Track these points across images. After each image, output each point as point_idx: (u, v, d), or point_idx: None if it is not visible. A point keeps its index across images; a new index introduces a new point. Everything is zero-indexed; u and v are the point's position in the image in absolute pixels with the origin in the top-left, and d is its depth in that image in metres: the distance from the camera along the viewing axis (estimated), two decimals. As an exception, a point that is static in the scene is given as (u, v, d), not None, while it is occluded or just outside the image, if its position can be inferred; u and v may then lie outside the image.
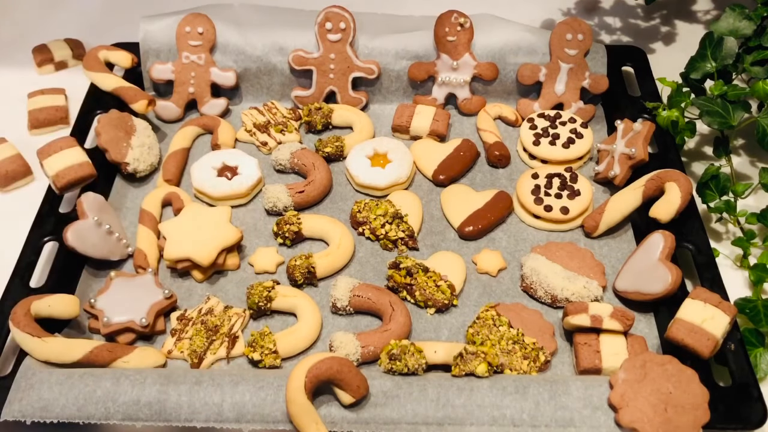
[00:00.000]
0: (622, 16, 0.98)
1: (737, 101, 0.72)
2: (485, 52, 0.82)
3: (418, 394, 0.56)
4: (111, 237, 0.68)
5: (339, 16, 0.80)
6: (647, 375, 0.55)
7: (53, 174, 0.70)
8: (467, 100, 0.83)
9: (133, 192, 0.76)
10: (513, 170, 0.78)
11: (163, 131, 0.82)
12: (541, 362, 0.60)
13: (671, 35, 0.95)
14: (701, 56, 0.77)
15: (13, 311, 0.60)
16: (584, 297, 0.64)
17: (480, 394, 0.56)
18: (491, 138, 0.79)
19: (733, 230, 0.73)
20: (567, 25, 0.80)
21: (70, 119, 0.84)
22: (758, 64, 0.75)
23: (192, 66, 0.82)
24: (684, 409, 0.53)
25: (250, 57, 0.82)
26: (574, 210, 0.71)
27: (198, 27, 0.81)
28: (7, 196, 0.77)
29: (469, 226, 0.71)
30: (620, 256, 0.69)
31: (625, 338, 0.61)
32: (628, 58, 0.86)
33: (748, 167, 0.79)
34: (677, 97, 0.76)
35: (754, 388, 0.56)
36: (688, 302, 0.60)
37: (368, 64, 0.82)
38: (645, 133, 0.73)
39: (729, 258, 0.70)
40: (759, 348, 0.61)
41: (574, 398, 0.55)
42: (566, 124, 0.78)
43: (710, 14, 0.98)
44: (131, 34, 0.85)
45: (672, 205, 0.67)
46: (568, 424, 0.54)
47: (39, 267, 0.66)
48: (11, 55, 0.92)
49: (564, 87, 0.81)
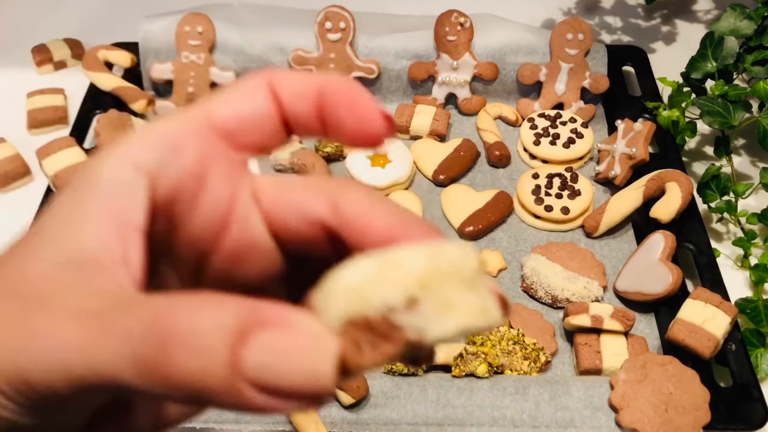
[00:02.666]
0: (622, 15, 0.98)
1: (738, 101, 0.72)
2: (485, 51, 0.81)
3: (418, 394, 0.55)
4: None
5: (339, 15, 0.80)
6: (648, 375, 0.55)
7: (52, 174, 0.70)
8: (467, 99, 0.83)
9: (132, 192, 0.76)
10: (513, 170, 0.78)
11: (163, 131, 0.82)
12: (541, 363, 0.60)
13: (672, 35, 0.95)
14: (702, 56, 0.77)
15: (12, 312, 0.60)
16: (585, 297, 0.64)
17: (480, 395, 0.55)
18: (491, 138, 0.79)
19: (733, 230, 0.73)
20: (567, 25, 0.80)
21: (69, 119, 0.84)
22: (759, 64, 0.75)
23: (191, 66, 0.82)
24: (685, 410, 0.53)
25: (250, 57, 0.82)
26: (575, 210, 0.71)
27: (197, 26, 0.81)
28: (6, 196, 0.77)
29: (469, 226, 0.71)
30: (621, 256, 0.69)
31: (626, 339, 0.60)
32: (629, 57, 0.86)
33: (749, 167, 0.79)
34: (678, 96, 0.76)
35: (755, 388, 0.56)
36: (689, 302, 0.60)
37: (368, 63, 0.82)
38: (646, 132, 0.72)
39: (730, 258, 0.70)
40: (760, 348, 0.61)
41: (574, 399, 0.55)
42: (567, 123, 0.78)
43: (711, 14, 0.98)
44: (131, 34, 0.84)
45: (673, 205, 0.66)
46: (568, 425, 0.54)
47: (38, 267, 0.66)
48: (10, 55, 0.92)
49: (564, 87, 0.81)
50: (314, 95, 0.23)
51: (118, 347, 0.17)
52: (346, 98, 0.23)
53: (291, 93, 0.23)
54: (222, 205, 0.22)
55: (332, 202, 0.22)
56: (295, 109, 0.23)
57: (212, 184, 0.22)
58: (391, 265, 0.17)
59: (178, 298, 0.17)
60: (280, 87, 0.23)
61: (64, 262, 0.20)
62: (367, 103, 0.23)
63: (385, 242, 0.21)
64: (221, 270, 0.23)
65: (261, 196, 0.23)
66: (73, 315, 0.18)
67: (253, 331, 0.16)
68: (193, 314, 0.17)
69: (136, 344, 0.17)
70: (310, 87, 0.23)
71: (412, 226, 0.22)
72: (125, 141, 0.21)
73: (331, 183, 0.23)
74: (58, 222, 0.21)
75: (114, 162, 0.21)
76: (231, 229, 0.23)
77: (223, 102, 0.23)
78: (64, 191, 0.21)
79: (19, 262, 0.20)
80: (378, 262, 0.17)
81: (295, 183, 0.23)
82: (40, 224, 0.21)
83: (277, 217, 0.23)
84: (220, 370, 0.16)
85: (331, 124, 0.23)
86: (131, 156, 0.21)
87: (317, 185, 0.23)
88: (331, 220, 0.22)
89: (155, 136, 0.21)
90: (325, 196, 0.22)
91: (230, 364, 0.16)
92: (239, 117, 0.23)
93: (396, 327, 0.17)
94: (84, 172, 0.21)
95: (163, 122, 0.22)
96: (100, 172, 0.21)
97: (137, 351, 0.17)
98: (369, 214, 0.22)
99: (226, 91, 0.23)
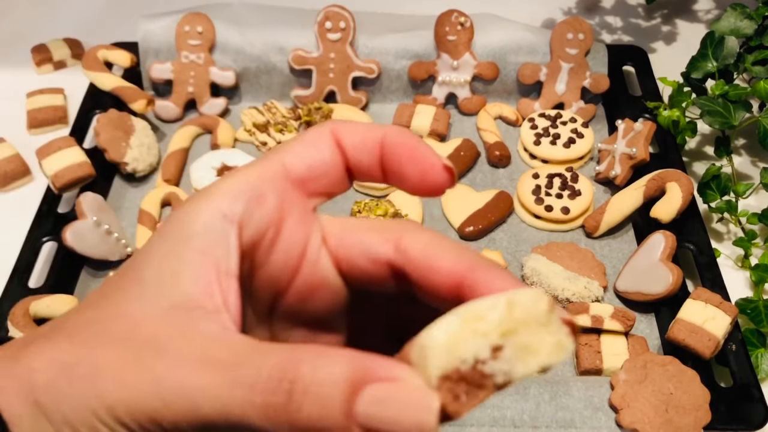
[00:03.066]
0: (622, 15, 0.98)
1: (738, 101, 0.72)
2: (486, 51, 0.81)
3: (419, 395, 0.55)
4: (110, 237, 0.68)
5: (339, 15, 0.80)
6: (648, 376, 0.55)
7: (52, 174, 0.70)
8: (467, 99, 0.83)
9: (132, 192, 0.76)
10: (513, 170, 0.78)
11: (162, 131, 0.82)
12: (541, 363, 0.59)
13: (672, 35, 0.95)
14: (702, 56, 0.76)
15: (12, 312, 0.60)
16: (585, 297, 0.64)
17: (480, 395, 0.55)
18: (492, 138, 0.79)
19: (734, 230, 0.73)
20: (568, 25, 0.80)
21: (68, 119, 0.84)
22: (759, 64, 0.75)
23: (191, 65, 0.82)
24: (685, 410, 0.53)
25: (250, 56, 0.82)
26: (575, 210, 0.71)
27: (197, 26, 0.81)
28: (6, 196, 0.77)
29: (469, 227, 0.71)
30: (621, 256, 0.69)
31: (626, 339, 0.60)
32: (629, 57, 0.86)
33: (749, 167, 0.79)
34: (678, 96, 0.76)
35: (756, 388, 0.56)
36: (689, 303, 0.59)
37: (368, 63, 0.82)
38: (646, 132, 0.72)
39: (730, 258, 0.70)
40: (760, 348, 0.61)
41: (575, 399, 0.55)
42: (567, 123, 0.78)
43: (711, 14, 0.98)
44: (130, 34, 0.84)
45: (673, 205, 0.66)
46: (568, 425, 0.54)
47: (38, 267, 0.66)
48: (10, 55, 0.92)
49: (565, 86, 0.81)
50: (375, 146, 0.25)
51: (246, 394, 0.20)
52: (408, 152, 0.25)
53: (354, 144, 0.25)
54: (297, 248, 0.25)
55: (396, 243, 0.25)
56: (358, 158, 0.25)
57: (288, 229, 0.25)
58: (474, 319, 0.20)
59: (298, 351, 0.20)
60: (343, 138, 0.25)
61: (168, 307, 0.22)
62: (429, 156, 0.25)
63: (452, 278, 0.24)
64: (293, 305, 0.26)
65: (329, 238, 0.26)
66: (200, 362, 0.20)
67: (365, 383, 0.19)
68: (315, 367, 0.19)
69: (265, 392, 0.19)
70: (371, 138, 0.25)
71: (476, 264, 0.24)
72: (212, 191, 0.24)
73: (395, 224, 0.26)
74: (156, 268, 0.23)
75: (204, 212, 0.23)
76: (303, 269, 0.25)
77: (295, 153, 0.25)
78: (158, 239, 0.23)
79: (124, 307, 0.22)
80: (461, 318, 0.20)
81: (361, 225, 0.26)
82: (138, 269, 0.23)
83: (345, 257, 0.26)
84: (338, 416, 0.19)
85: (393, 174, 0.26)
86: (220, 207, 0.23)
87: (382, 227, 0.26)
88: (397, 260, 0.25)
89: (240, 187, 0.24)
90: (390, 236, 0.25)
91: (345, 411, 0.19)
92: (310, 167, 0.25)
93: (486, 375, 0.20)
94: (175, 222, 0.23)
95: (245, 173, 0.24)
96: (193, 222, 0.23)
97: (266, 399, 0.19)
98: (435, 253, 0.24)
99: (296, 142, 0.25)
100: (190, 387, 0.20)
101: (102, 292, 0.24)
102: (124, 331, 0.22)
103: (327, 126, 0.26)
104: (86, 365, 0.21)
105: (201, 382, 0.20)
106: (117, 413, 0.21)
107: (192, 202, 0.23)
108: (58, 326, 0.23)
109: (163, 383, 0.20)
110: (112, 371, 0.21)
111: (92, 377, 0.21)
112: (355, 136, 0.25)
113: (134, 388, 0.21)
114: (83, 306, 0.24)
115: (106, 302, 0.23)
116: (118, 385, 0.21)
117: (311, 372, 0.19)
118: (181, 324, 0.21)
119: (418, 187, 0.25)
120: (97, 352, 0.21)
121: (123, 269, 0.24)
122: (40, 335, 0.23)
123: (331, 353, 0.20)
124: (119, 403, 0.21)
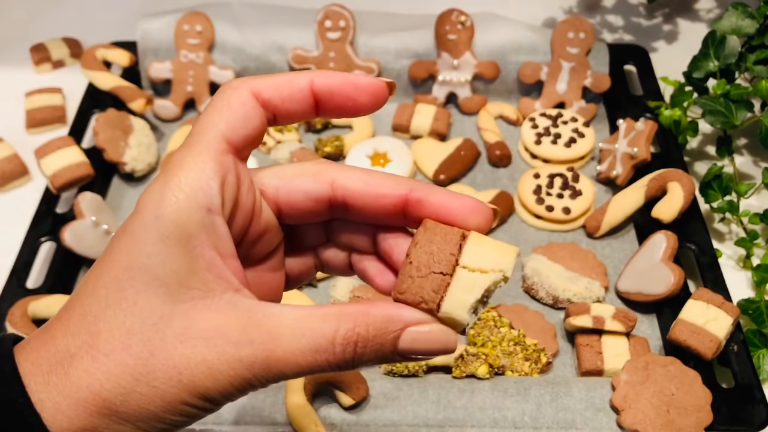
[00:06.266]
0: (624, 14, 0.97)
1: (740, 100, 0.72)
2: (486, 50, 0.81)
3: (419, 396, 0.55)
4: (109, 237, 0.68)
5: (338, 14, 0.80)
6: (649, 376, 0.55)
7: (50, 173, 0.70)
8: (468, 99, 0.83)
9: (130, 192, 0.76)
10: (514, 170, 0.78)
11: (161, 130, 0.82)
12: (542, 364, 0.59)
13: (673, 34, 0.94)
14: (704, 55, 0.76)
15: (10, 312, 0.59)
16: (586, 298, 0.64)
17: (481, 396, 0.55)
18: (492, 137, 0.79)
19: (736, 230, 0.72)
20: (569, 24, 0.80)
21: (67, 118, 0.84)
22: (761, 63, 0.75)
23: (190, 65, 0.81)
24: (687, 411, 0.53)
25: (249, 56, 0.82)
26: (576, 210, 0.71)
27: (196, 25, 0.81)
28: (4, 196, 0.76)
29: (469, 226, 0.70)
30: (622, 256, 0.69)
31: (628, 339, 0.60)
32: (630, 56, 0.85)
33: (751, 167, 0.78)
34: (680, 96, 0.75)
35: (757, 389, 0.56)
36: (691, 303, 0.59)
37: (368, 62, 0.81)
38: (647, 132, 0.72)
39: (732, 258, 0.69)
40: (762, 349, 0.60)
41: (576, 400, 0.55)
42: (568, 123, 0.78)
43: (713, 13, 0.98)
44: (129, 33, 0.84)
45: (674, 205, 0.66)
46: (569, 426, 0.54)
47: (36, 267, 0.66)
48: (8, 54, 0.92)
49: (566, 86, 0.81)
50: (303, 95, 0.29)
51: (329, 357, 0.27)
52: (337, 80, 0.29)
53: (281, 99, 0.29)
54: (249, 208, 0.29)
55: (332, 183, 0.30)
56: (287, 110, 0.29)
57: (243, 196, 0.29)
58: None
59: (352, 318, 0.27)
60: (268, 97, 0.29)
61: (223, 302, 0.28)
62: (358, 81, 0.29)
63: (397, 198, 0.29)
64: (244, 252, 0.30)
65: (267, 189, 0.30)
66: (292, 336, 0.27)
67: (404, 328, 0.28)
68: (368, 327, 0.28)
69: (338, 354, 0.28)
70: (296, 89, 0.29)
71: (414, 185, 0.30)
72: (185, 184, 0.27)
73: (322, 167, 0.30)
74: (173, 269, 0.27)
75: (196, 211, 0.27)
76: (253, 222, 0.30)
77: (229, 125, 0.28)
78: (164, 247, 0.27)
79: (182, 311, 0.27)
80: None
81: (294, 172, 0.30)
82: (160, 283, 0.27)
83: (286, 202, 0.30)
84: (388, 353, 0.28)
85: (331, 110, 0.30)
86: (203, 203, 0.27)
87: (312, 171, 0.30)
88: (336, 196, 0.30)
89: (207, 174, 0.27)
90: (323, 178, 0.30)
91: (392, 349, 0.28)
92: (246, 138, 0.29)
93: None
94: (175, 223, 0.27)
95: (203, 160, 0.27)
96: (190, 222, 0.27)
97: (339, 358, 0.28)
98: (375, 183, 0.29)
99: (224, 109, 0.28)
100: (293, 353, 0.26)
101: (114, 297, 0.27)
102: (205, 329, 0.26)
103: (245, 86, 0.28)
104: (161, 367, 0.26)
105: (299, 348, 0.27)
106: (209, 394, 0.26)
107: (177, 200, 0.26)
108: (94, 333, 0.26)
109: (216, 369, 0.26)
110: (199, 365, 0.26)
111: (177, 373, 0.26)
112: (280, 90, 0.29)
113: (191, 374, 0.26)
114: (114, 312, 0.26)
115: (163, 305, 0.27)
116: (207, 372, 0.26)
117: (365, 331, 0.27)
118: (244, 312, 0.27)
119: (357, 110, 0.30)
120: (176, 350, 0.26)
121: (128, 278, 0.26)
122: (83, 343, 0.26)
123: (373, 313, 0.27)
124: (206, 384, 0.26)
